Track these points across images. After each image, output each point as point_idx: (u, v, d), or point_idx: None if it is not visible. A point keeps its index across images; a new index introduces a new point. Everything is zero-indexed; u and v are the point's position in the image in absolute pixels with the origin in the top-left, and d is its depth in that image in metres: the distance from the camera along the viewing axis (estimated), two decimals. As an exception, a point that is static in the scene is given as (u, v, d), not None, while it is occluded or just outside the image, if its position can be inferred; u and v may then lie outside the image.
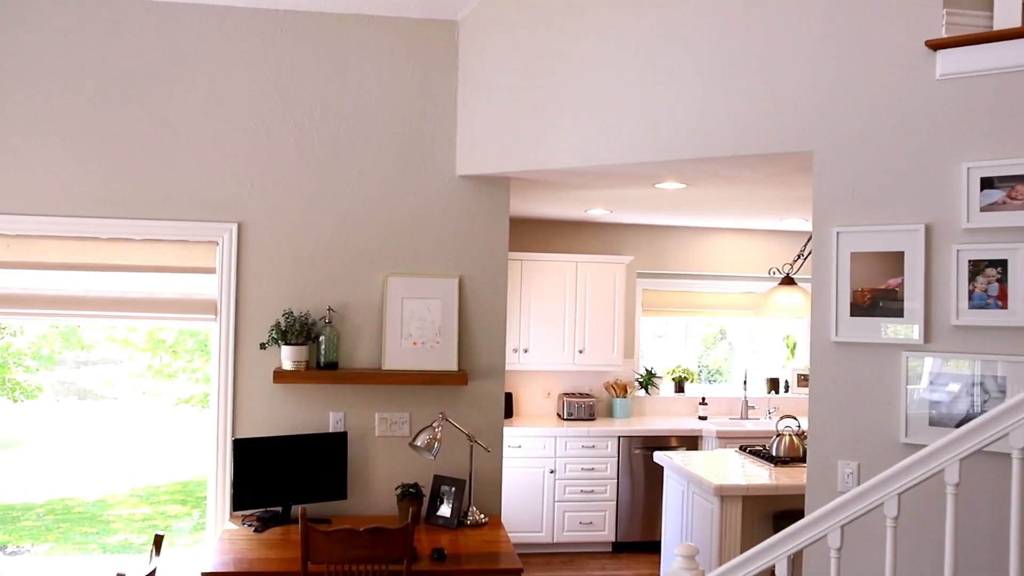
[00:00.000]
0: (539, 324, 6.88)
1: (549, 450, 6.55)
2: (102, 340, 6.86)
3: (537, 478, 6.53)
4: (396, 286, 4.30)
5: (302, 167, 4.27)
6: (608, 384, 7.21)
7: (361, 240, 4.31)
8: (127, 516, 7.22)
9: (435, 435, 4.01)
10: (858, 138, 3.23)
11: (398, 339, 4.27)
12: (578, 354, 6.93)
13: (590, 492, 6.59)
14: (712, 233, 7.61)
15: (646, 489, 6.68)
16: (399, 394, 4.31)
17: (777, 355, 8.10)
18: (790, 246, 7.72)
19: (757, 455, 5.27)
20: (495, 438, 4.38)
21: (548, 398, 7.25)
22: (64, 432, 7.17)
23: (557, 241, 7.35)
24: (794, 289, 5.09)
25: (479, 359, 4.37)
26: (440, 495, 4.13)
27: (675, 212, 6.33)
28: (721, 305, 7.88)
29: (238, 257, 4.22)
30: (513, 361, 6.81)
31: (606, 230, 7.42)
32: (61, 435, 7.15)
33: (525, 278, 6.87)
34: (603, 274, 7.01)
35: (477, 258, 4.39)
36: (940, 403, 3.01)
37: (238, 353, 4.21)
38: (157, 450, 7.58)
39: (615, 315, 7.02)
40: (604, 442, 6.63)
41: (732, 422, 7.22)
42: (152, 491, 7.53)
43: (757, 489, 4.51)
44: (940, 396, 3.01)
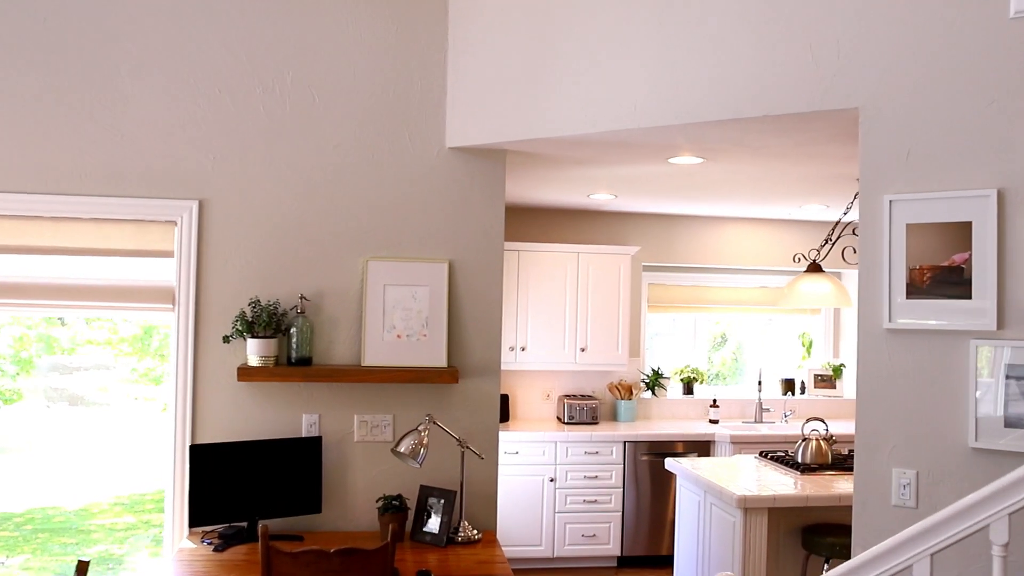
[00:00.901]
0: (538, 320, 6.43)
1: (549, 456, 6.10)
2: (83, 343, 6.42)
3: (536, 487, 6.07)
4: (378, 272, 3.85)
5: (272, 138, 3.82)
6: (612, 385, 6.76)
7: (338, 220, 3.86)
8: (109, 526, 6.82)
9: (421, 440, 3.56)
10: (915, 89, 2.79)
11: (380, 331, 3.82)
12: (580, 353, 6.48)
13: (593, 502, 6.14)
14: (723, 223, 7.17)
15: (654, 499, 6.22)
16: (381, 394, 3.86)
17: (792, 354, 7.66)
18: (806, 237, 7.28)
19: (780, 462, 4.82)
20: (489, 443, 3.92)
21: (547, 400, 6.80)
22: (50, 439, 6.77)
23: (557, 231, 6.90)
24: (821, 277, 4.64)
25: (472, 354, 3.92)
26: (427, 508, 3.68)
27: (686, 197, 5.88)
28: (732, 301, 7.44)
29: (199, 239, 3.77)
30: (509, 360, 6.36)
31: (610, 219, 6.97)
32: (47, 442, 6.75)
33: (523, 270, 6.42)
34: (607, 266, 6.57)
35: (469, 240, 3.94)
36: (1018, 400, 2.56)
37: (198, 347, 3.76)
38: (144, 457, 7.18)
39: (620, 310, 6.57)
40: (608, 448, 6.18)
41: (746, 426, 6.77)
42: (138, 499, 7.08)
43: (785, 500, 4.06)
44: (1018, 391, 2.56)
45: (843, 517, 4.26)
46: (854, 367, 7.36)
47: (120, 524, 6.95)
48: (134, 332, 5.45)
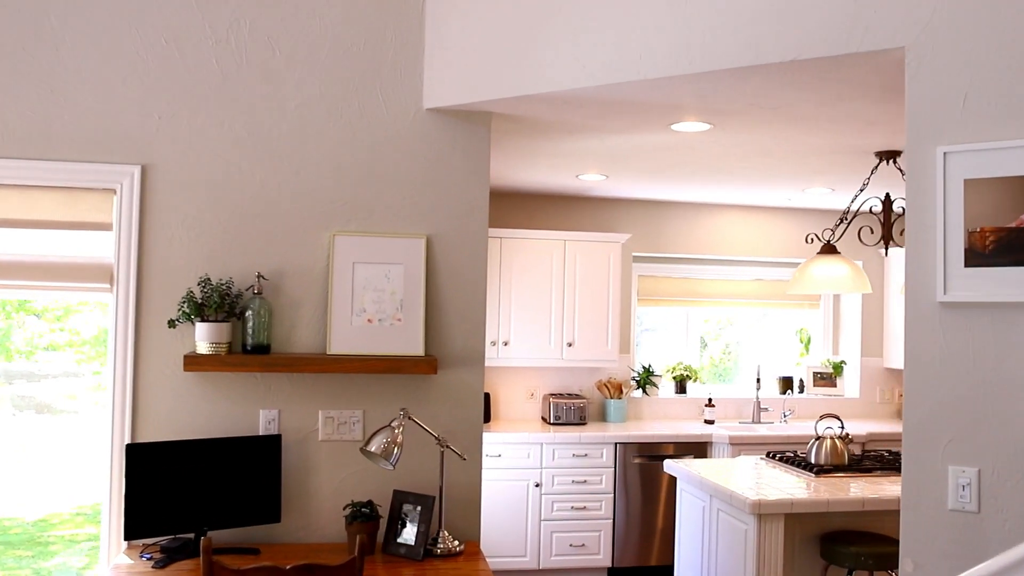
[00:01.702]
0: (521, 312, 6.03)
1: (534, 460, 5.69)
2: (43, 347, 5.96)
3: (519, 493, 5.66)
4: (346, 248, 3.43)
5: (226, 96, 3.39)
6: (601, 383, 6.37)
7: (301, 190, 3.44)
8: (69, 537, 6.40)
9: (394, 438, 3.13)
10: (973, 23, 2.41)
11: (348, 315, 3.40)
12: (567, 348, 6.08)
13: (582, 509, 5.73)
14: (718, 211, 6.80)
15: (647, 505, 5.83)
16: (350, 386, 3.43)
17: (790, 351, 7.30)
18: (806, 227, 6.92)
19: (790, 463, 4.44)
20: (473, 442, 3.51)
21: (532, 399, 6.39)
22: (12, 448, 6.33)
23: (543, 217, 6.50)
24: (837, 259, 4.27)
25: (452, 342, 3.51)
26: (402, 516, 3.25)
27: (681, 178, 5.50)
28: (727, 294, 7.07)
29: (141, 209, 3.33)
30: (491, 355, 5.94)
31: (599, 206, 6.58)
32: (8, 451, 6.33)
33: (506, 258, 6.01)
34: (596, 254, 6.17)
35: (450, 214, 3.53)
36: (1104, 384, 2.18)
37: (140, 333, 3.31)
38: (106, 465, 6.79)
39: (609, 302, 6.17)
40: (598, 450, 5.78)
41: (743, 426, 6.40)
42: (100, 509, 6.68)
43: (803, 505, 3.67)
44: (1104, 374, 2.19)
45: (866, 524, 3.89)
46: (855, 364, 7.05)
47: (81, 535, 6.49)
48: (94, 333, 5.01)
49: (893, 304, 6.92)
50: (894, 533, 4.07)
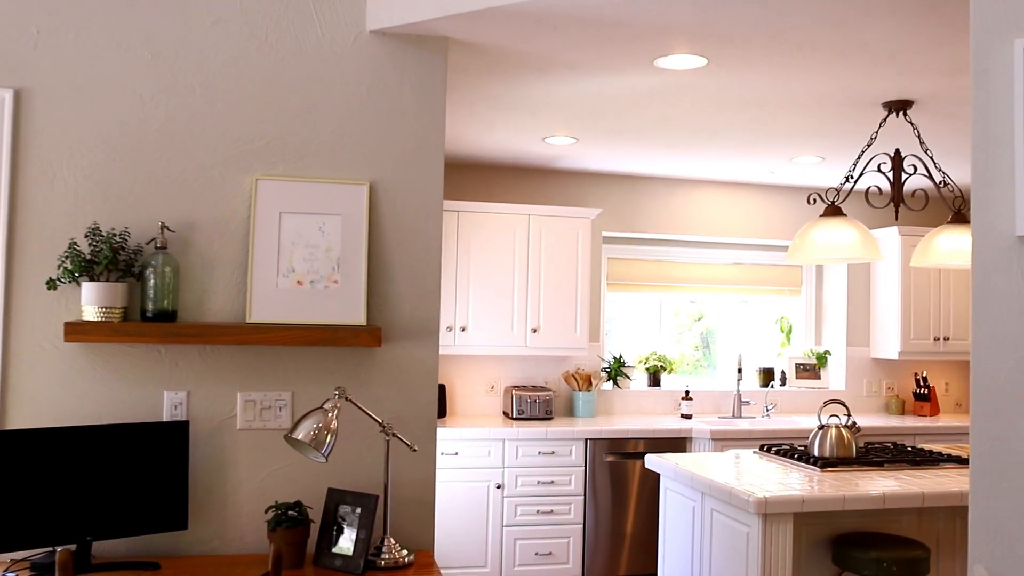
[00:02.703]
0: (481, 294, 5.48)
1: (495, 458, 5.14)
2: None
3: (479, 495, 5.11)
4: (272, 195, 2.86)
5: (123, 8, 2.80)
6: (569, 374, 5.84)
7: (218, 124, 2.86)
8: None
9: (327, 423, 2.56)
10: None
11: (273, 276, 2.82)
12: (531, 334, 5.55)
13: (549, 513, 5.19)
14: (694, 188, 6.32)
15: (621, 507, 5.31)
16: (275, 362, 2.86)
17: (770, 341, 6.84)
18: (790, 206, 6.49)
19: (788, 456, 3.95)
20: (425, 431, 2.95)
21: (492, 392, 5.85)
22: None
23: (504, 190, 5.96)
24: (842, 222, 3.78)
25: (401, 309, 2.95)
26: (338, 520, 2.68)
27: (660, 141, 5.00)
28: (703, 279, 6.60)
29: (14, 143, 2.73)
30: (447, 342, 5.39)
31: (566, 179, 6.06)
32: None
33: (463, 234, 5.46)
34: (563, 231, 5.65)
35: (399, 156, 2.97)
36: None
37: (11, 294, 2.71)
38: None
39: (578, 283, 5.65)
40: (566, 447, 5.25)
41: (724, 421, 5.92)
42: None
43: (817, 503, 3.17)
44: None
45: (882, 524, 3.41)
46: (840, 354, 6.60)
47: None
48: None
49: (880, 289, 6.50)
50: (914, 534, 3.63)
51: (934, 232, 3.98)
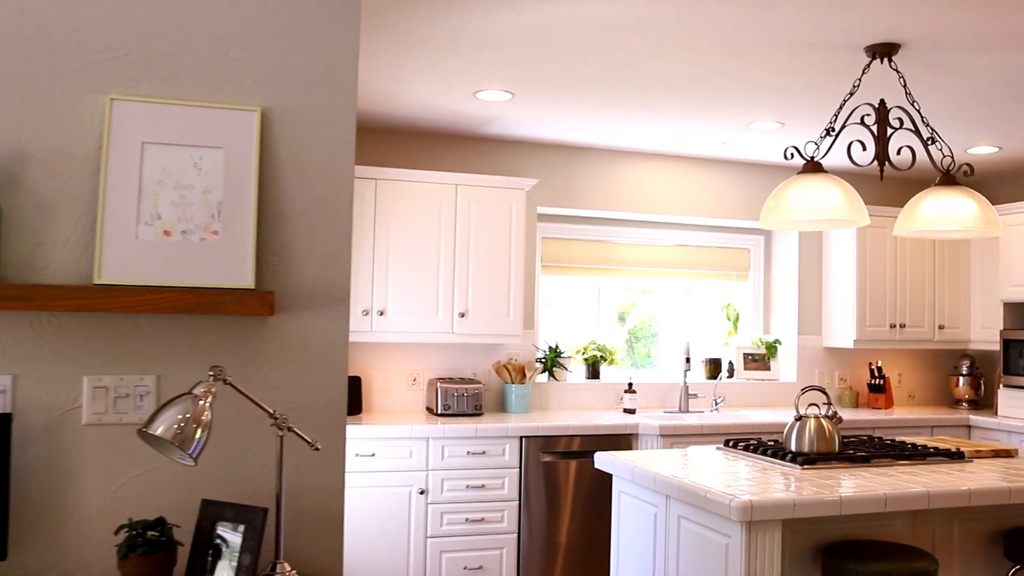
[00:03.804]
0: (401, 274, 4.88)
1: (418, 460, 4.55)
2: None
3: (399, 502, 4.51)
4: (132, 120, 2.22)
5: None
6: (500, 365, 5.28)
7: (59, 28, 2.21)
8: None
9: (196, 414, 1.94)
10: None
11: (132, 225, 2.19)
12: (458, 319, 4.97)
13: (479, 521, 4.63)
14: (636, 161, 5.83)
15: (559, 514, 4.77)
16: (135, 336, 2.22)
17: (717, 330, 6.40)
18: (739, 183, 6.05)
19: (761, 452, 3.46)
20: (332, 424, 2.35)
21: (415, 385, 5.25)
22: None
23: (429, 158, 5.37)
24: (824, 180, 3.30)
25: (301, 271, 2.34)
26: (214, 542, 2.07)
27: (606, 99, 4.47)
28: (645, 262, 6.12)
29: None
30: (363, 328, 4.78)
31: (499, 148, 5.50)
32: None
33: (382, 205, 4.86)
34: (495, 203, 5.09)
35: (299, 76, 2.37)
36: None
37: None
38: None
39: (511, 262, 5.10)
40: (499, 446, 4.69)
41: (670, 415, 5.44)
42: None
43: (810, 507, 2.67)
44: None
45: (874, 530, 2.95)
46: (791, 344, 6.19)
47: None
48: None
49: (834, 273, 6.12)
50: (910, 539, 3.17)
51: (921, 195, 3.55)
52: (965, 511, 3.18)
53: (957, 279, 6.19)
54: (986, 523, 3.26)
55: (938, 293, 6.13)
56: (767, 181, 6.10)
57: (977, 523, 3.24)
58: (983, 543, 3.25)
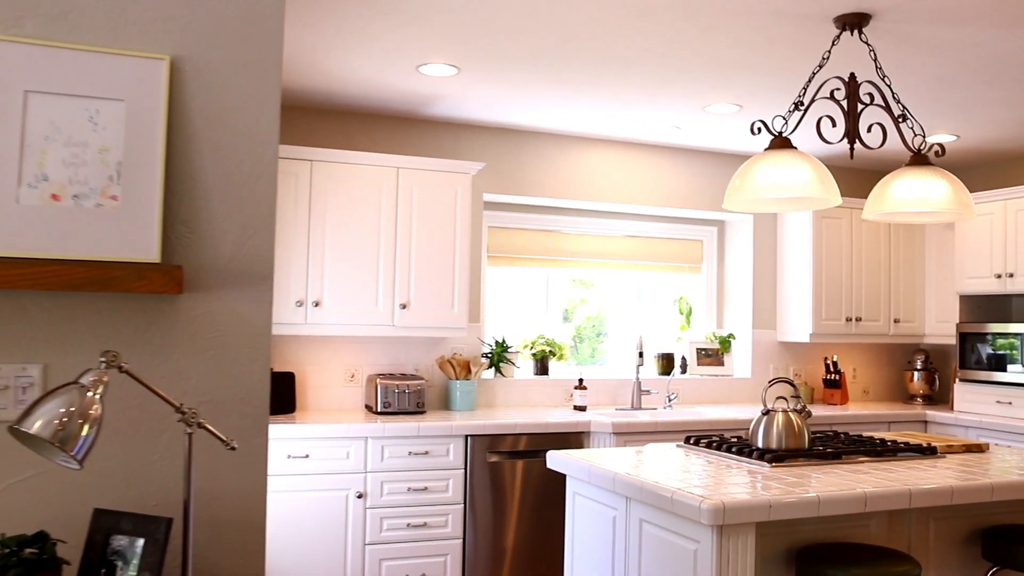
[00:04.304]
0: (339, 263, 4.58)
1: (355, 461, 4.25)
2: None
3: (336, 507, 4.21)
4: (13, 65, 1.91)
5: None
6: (444, 360, 5.00)
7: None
8: None
9: (84, 407, 1.64)
10: None
11: (12, 186, 1.88)
12: (400, 311, 4.68)
13: (422, 526, 4.34)
14: (588, 147, 5.60)
15: (507, 516, 4.52)
16: (16, 316, 1.91)
17: (669, 324, 6.20)
18: (693, 172, 5.86)
19: (724, 449, 3.24)
20: (253, 420, 2.06)
21: (353, 381, 4.94)
22: None
23: (367, 139, 5.07)
24: (792, 156, 3.08)
25: (217, 243, 2.04)
26: (109, 559, 1.76)
27: (558, 75, 4.23)
28: (595, 254, 5.89)
29: None
30: (297, 320, 4.47)
31: (442, 131, 5.22)
32: None
33: (317, 189, 4.55)
34: (439, 188, 4.81)
35: (216, 21, 2.07)
36: None
37: None
38: None
39: (456, 251, 4.83)
40: (443, 446, 4.41)
41: (623, 413, 5.22)
42: None
43: (787, 509, 2.44)
44: None
45: (847, 532, 2.75)
46: (745, 338, 6.01)
47: None
48: None
49: (789, 266, 5.96)
50: (885, 541, 2.97)
51: (891, 176, 3.36)
52: (941, 510, 3.01)
53: (912, 272, 6.08)
54: (963, 522, 3.08)
55: (893, 286, 6.01)
56: (722, 169, 5.92)
57: (953, 522, 3.06)
58: (959, 543, 3.07)
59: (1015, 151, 5.71)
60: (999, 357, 5.43)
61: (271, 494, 4.08)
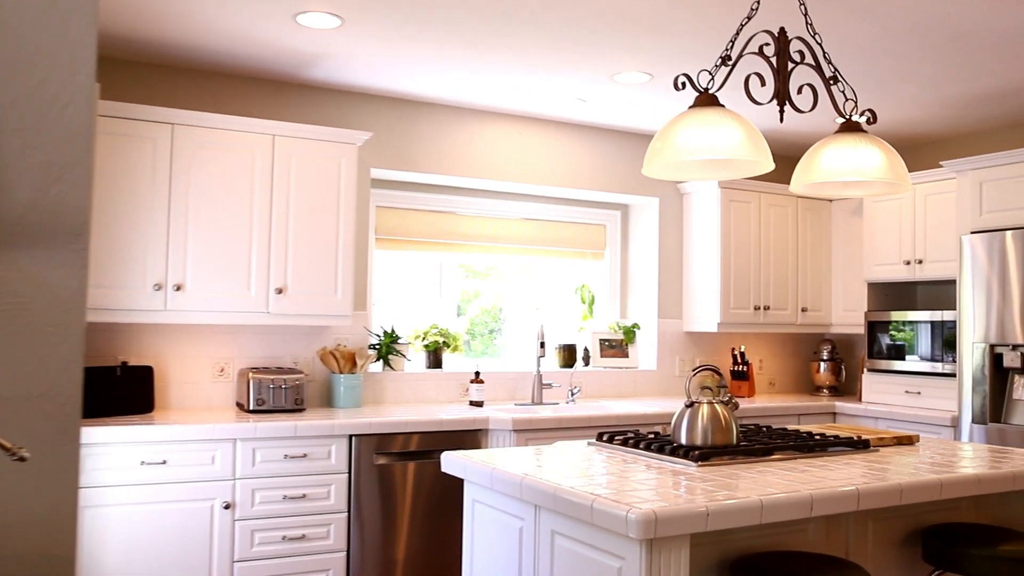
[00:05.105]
0: (204, 241, 4.05)
1: (222, 466, 3.75)
2: None
3: (199, 520, 3.69)
4: None
5: None
6: (327, 352, 4.52)
7: None
8: None
9: None
10: None
11: None
12: (275, 296, 4.19)
13: (300, 539, 3.87)
14: (486, 120, 5.20)
15: (396, 525, 4.08)
16: None
17: (571, 314, 5.87)
18: (596, 151, 5.54)
19: (644, 447, 2.89)
20: (57, 423, 1.58)
21: (223, 376, 4.42)
22: None
23: (240, 103, 4.54)
24: (720, 115, 2.73)
25: (7, 191, 1.55)
26: None
27: (459, 24, 3.81)
28: (491, 237, 5.50)
29: None
30: (155, 306, 3.92)
31: (324, 98, 4.73)
32: None
33: (180, 156, 4.01)
34: (321, 159, 4.33)
35: None
36: None
37: None
38: None
39: (339, 230, 4.36)
40: (323, 447, 3.94)
41: (523, 408, 4.85)
42: None
43: (728, 517, 2.09)
44: None
45: (787, 538, 2.42)
46: (650, 329, 5.71)
47: None
48: None
49: (695, 252, 5.70)
50: (823, 548, 2.67)
51: (820, 144, 3.07)
52: (881, 510, 2.73)
53: (820, 259, 5.91)
54: (901, 522, 2.82)
55: (801, 274, 5.83)
56: (628, 149, 5.62)
57: (892, 523, 2.80)
58: (898, 545, 2.80)
59: (925, 135, 5.59)
60: (907, 346, 5.29)
61: (119, 507, 3.54)
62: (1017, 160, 4.55)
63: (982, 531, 2.77)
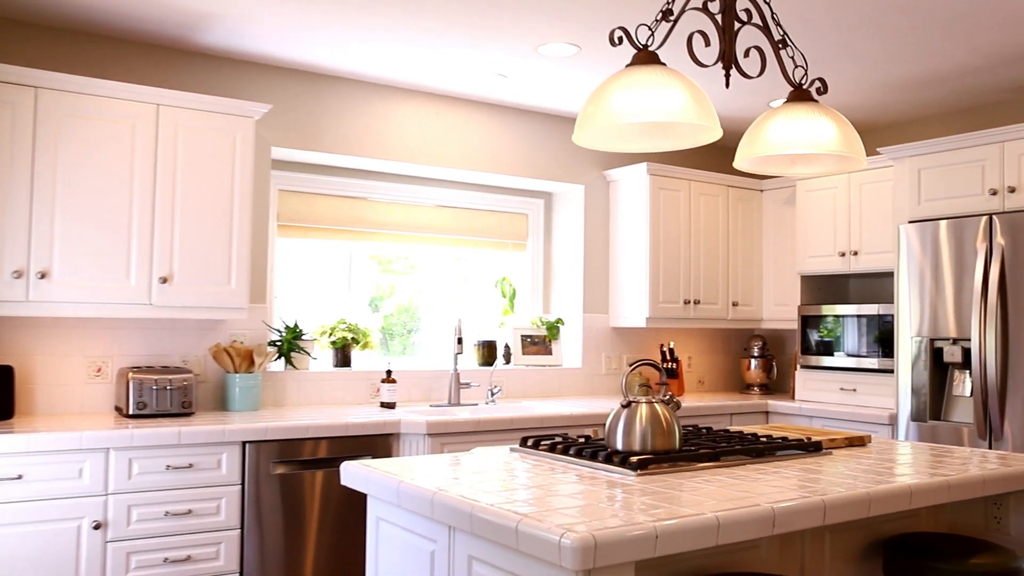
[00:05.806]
0: (76, 223, 3.58)
1: (92, 480, 3.28)
2: None
3: (63, 542, 3.22)
4: None
5: None
6: (220, 348, 4.08)
7: None
8: None
9: None
10: None
11: None
12: (160, 286, 3.74)
13: (184, 560, 3.43)
14: (401, 98, 4.81)
15: (300, 542, 3.67)
16: None
17: (491, 309, 5.52)
18: (518, 132, 5.21)
19: (575, 454, 2.54)
20: None
21: (99, 376, 3.94)
22: None
23: (121, 70, 4.06)
24: (663, 74, 2.41)
25: None
26: None
27: (363, -8, 3.42)
28: (404, 226, 5.12)
29: None
30: (14, 297, 3.44)
31: (218, 67, 4.28)
32: None
33: (46, 124, 3.53)
34: (213, 132, 3.89)
35: None
36: None
37: None
38: None
39: (234, 213, 3.93)
40: (212, 456, 3.51)
41: (439, 410, 4.48)
42: None
43: (679, 539, 1.76)
44: None
45: (737, 558, 2.11)
46: (575, 324, 5.35)
47: None
48: None
49: (622, 244, 5.41)
50: (777, 568, 2.37)
51: (767, 115, 2.78)
52: (836, 528, 2.45)
53: (751, 251, 5.69)
54: (861, 533, 2.54)
55: (732, 266, 5.59)
56: (551, 132, 5.29)
57: (850, 534, 2.52)
58: (858, 559, 2.53)
59: (862, 121, 5.41)
60: (841, 341, 5.09)
61: (-32, 529, 3.05)
62: (958, 146, 4.36)
63: (946, 541, 2.51)
